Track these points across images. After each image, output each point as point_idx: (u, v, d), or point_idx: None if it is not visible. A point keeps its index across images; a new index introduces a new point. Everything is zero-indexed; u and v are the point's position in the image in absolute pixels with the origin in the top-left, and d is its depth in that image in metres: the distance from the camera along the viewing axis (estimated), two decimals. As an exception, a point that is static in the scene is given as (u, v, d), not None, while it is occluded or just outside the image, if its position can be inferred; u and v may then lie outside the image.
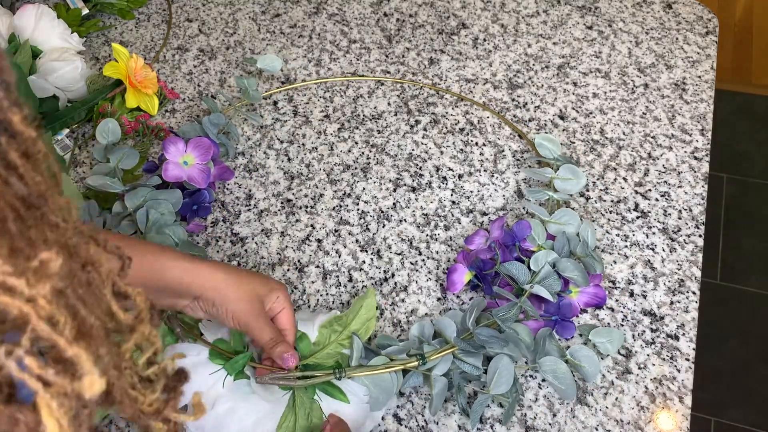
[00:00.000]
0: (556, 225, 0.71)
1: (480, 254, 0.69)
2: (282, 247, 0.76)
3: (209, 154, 0.77)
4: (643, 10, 0.99)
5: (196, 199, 0.77)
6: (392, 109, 0.89)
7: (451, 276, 0.70)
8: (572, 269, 0.66)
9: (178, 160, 0.76)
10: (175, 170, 0.75)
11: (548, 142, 0.79)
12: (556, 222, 0.71)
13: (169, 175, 0.75)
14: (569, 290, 0.67)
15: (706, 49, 0.93)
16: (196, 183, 0.76)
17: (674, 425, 0.62)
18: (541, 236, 0.69)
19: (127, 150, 0.78)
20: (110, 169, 0.77)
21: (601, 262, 0.68)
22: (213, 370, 0.62)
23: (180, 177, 0.75)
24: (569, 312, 0.66)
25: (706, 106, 0.87)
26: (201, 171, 0.76)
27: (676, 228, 0.76)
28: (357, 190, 0.81)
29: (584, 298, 0.68)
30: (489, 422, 0.63)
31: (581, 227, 0.70)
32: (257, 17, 1.02)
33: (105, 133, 0.80)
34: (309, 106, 0.90)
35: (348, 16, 1.01)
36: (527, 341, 0.63)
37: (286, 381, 0.60)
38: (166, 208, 0.73)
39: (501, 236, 0.70)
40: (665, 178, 0.80)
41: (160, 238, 0.71)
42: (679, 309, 0.69)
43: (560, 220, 0.71)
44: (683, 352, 0.66)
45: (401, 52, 0.96)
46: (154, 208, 0.72)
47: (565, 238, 0.69)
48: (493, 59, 0.94)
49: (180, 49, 0.98)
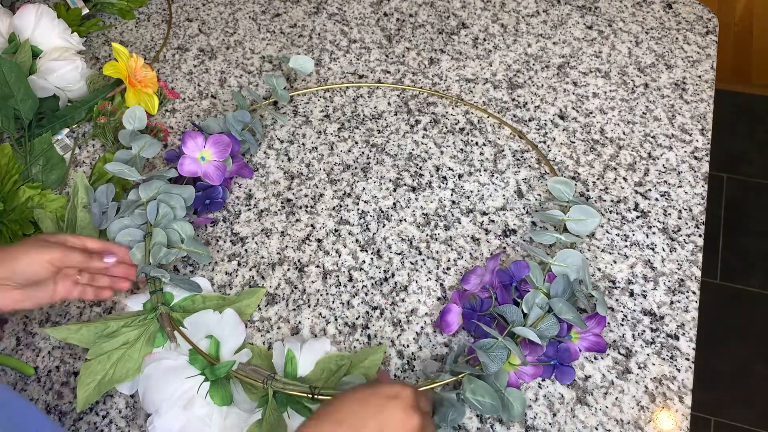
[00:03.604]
0: (558, 267, 0.68)
1: (478, 293, 0.68)
2: (282, 247, 0.76)
3: (227, 151, 0.76)
4: (643, 10, 0.99)
5: (209, 194, 0.77)
6: (392, 109, 0.89)
7: (445, 318, 0.68)
8: (567, 311, 0.63)
9: (195, 155, 0.76)
10: (192, 165, 0.75)
11: (562, 185, 0.75)
12: (559, 264, 0.68)
13: (184, 169, 0.75)
14: (569, 335, 0.65)
15: (706, 48, 0.93)
16: (211, 180, 0.76)
17: (674, 425, 0.62)
18: (539, 278, 0.66)
19: (149, 139, 0.78)
20: (131, 156, 0.76)
21: (604, 304, 0.65)
22: (191, 374, 0.63)
23: (195, 172, 0.75)
24: (568, 357, 0.64)
25: (706, 106, 0.87)
26: (217, 168, 0.76)
27: (676, 228, 0.75)
28: (357, 189, 0.81)
29: (585, 344, 0.65)
30: (489, 422, 0.63)
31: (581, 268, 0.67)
32: (257, 17, 1.02)
33: (132, 119, 0.80)
34: (309, 106, 0.90)
35: (348, 16, 1.01)
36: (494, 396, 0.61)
37: (257, 375, 0.61)
38: (177, 202, 0.73)
39: (495, 278, 0.67)
40: (665, 178, 0.80)
41: (167, 233, 0.71)
42: (679, 309, 0.69)
43: (563, 262, 0.68)
44: (683, 351, 0.66)
45: (401, 52, 0.96)
46: (166, 202, 0.72)
47: (565, 280, 0.66)
48: (493, 59, 0.94)
49: (180, 48, 0.98)
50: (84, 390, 0.63)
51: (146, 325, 0.66)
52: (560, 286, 0.65)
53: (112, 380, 0.64)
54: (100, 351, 0.65)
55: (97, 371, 0.64)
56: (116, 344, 0.65)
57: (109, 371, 0.64)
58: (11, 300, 0.60)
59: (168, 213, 0.72)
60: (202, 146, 0.76)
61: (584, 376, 0.65)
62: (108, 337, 0.65)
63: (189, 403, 0.61)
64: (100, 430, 0.65)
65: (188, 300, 0.70)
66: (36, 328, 0.71)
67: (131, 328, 0.66)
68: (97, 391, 0.63)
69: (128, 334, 0.66)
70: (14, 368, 0.68)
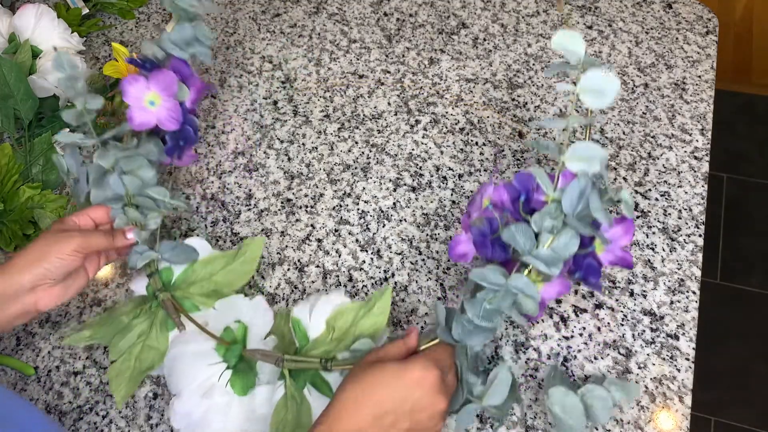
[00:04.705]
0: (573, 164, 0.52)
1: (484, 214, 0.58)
2: (282, 246, 0.76)
3: (174, 86, 0.65)
4: (643, 10, 0.99)
5: (179, 135, 0.67)
6: (392, 109, 0.89)
7: (456, 251, 0.60)
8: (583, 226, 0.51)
9: (142, 103, 0.64)
10: (143, 116, 0.64)
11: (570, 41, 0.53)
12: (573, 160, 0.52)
13: (136, 123, 0.64)
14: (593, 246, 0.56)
15: (706, 48, 0.93)
16: (167, 126, 0.65)
17: (674, 425, 0.62)
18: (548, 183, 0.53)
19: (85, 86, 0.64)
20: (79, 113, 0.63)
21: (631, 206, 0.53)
22: (214, 361, 0.63)
23: (149, 123, 0.64)
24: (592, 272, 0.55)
25: (706, 106, 0.87)
26: (170, 110, 0.64)
27: (676, 228, 0.75)
28: (357, 189, 0.81)
29: (610, 257, 0.55)
30: (489, 422, 0.63)
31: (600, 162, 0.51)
32: (257, 17, 1.02)
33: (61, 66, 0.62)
34: (309, 106, 0.90)
35: (348, 16, 1.01)
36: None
37: (270, 358, 0.61)
38: (141, 166, 0.64)
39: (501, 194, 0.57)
40: (665, 178, 0.80)
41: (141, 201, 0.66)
42: (679, 309, 0.69)
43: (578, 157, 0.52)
44: (683, 351, 0.66)
45: (401, 52, 0.96)
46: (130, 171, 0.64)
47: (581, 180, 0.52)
48: (493, 59, 0.94)
49: (180, 48, 0.98)
50: (118, 390, 0.64)
51: (154, 313, 0.66)
52: (575, 190, 0.52)
53: (141, 372, 0.65)
54: (119, 350, 0.65)
55: (123, 369, 0.64)
56: (132, 338, 0.65)
57: (135, 365, 0.65)
58: (54, 298, 0.61)
59: (135, 182, 0.65)
60: (145, 89, 0.64)
61: (584, 376, 0.65)
62: (123, 333, 0.65)
63: (209, 391, 0.61)
64: (100, 430, 0.65)
65: (188, 271, 0.68)
66: (36, 327, 0.71)
67: (141, 319, 0.66)
68: (131, 386, 0.64)
69: (140, 326, 0.66)
70: (14, 368, 0.69)
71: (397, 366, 0.51)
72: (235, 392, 0.61)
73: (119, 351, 0.65)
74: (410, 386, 0.50)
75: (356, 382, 0.51)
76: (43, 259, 0.59)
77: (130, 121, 0.64)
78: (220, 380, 0.62)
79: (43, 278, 0.59)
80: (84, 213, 0.65)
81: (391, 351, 0.55)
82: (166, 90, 0.65)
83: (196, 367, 0.62)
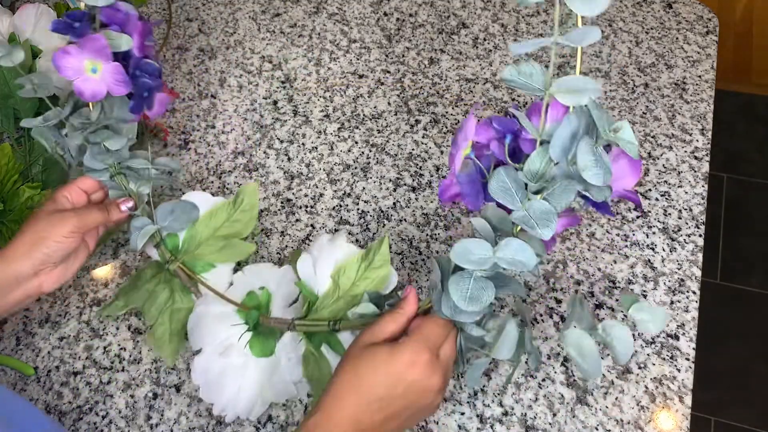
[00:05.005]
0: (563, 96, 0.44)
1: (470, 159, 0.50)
2: (282, 246, 0.76)
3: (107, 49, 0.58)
4: (643, 10, 0.99)
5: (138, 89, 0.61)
6: (392, 109, 0.89)
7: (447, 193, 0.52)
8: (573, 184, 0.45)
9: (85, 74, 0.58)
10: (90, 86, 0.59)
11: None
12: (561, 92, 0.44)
13: (88, 96, 0.59)
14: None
15: (707, 48, 0.93)
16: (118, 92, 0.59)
17: (674, 425, 0.62)
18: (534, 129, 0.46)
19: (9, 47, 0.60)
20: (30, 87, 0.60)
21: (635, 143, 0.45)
22: (235, 323, 0.64)
23: (101, 91, 0.59)
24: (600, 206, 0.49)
25: (706, 106, 0.87)
26: (115, 74, 0.58)
27: (677, 228, 0.75)
28: (357, 189, 0.81)
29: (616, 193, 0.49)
30: (489, 422, 0.63)
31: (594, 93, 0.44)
32: (257, 17, 1.02)
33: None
34: (309, 106, 0.90)
35: (348, 16, 1.01)
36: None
37: (282, 324, 0.62)
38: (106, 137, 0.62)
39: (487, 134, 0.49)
40: (665, 178, 0.80)
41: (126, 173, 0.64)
42: (679, 309, 0.69)
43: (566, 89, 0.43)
44: (683, 351, 0.66)
45: (401, 52, 0.95)
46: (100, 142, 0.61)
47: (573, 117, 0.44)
48: (494, 59, 0.94)
49: (180, 48, 0.98)
50: (164, 350, 0.66)
51: (171, 280, 0.67)
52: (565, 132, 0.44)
53: (179, 330, 0.66)
54: (152, 315, 0.66)
55: (162, 333, 0.66)
56: (161, 305, 0.66)
57: (171, 326, 0.66)
58: (57, 279, 0.61)
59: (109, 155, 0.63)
60: (81, 58, 0.58)
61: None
62: (150, 300, 0.67)
63: (227, 351, 0.62)
64: (99, 430, 0.65)
65: (192, 231, 0.68)
66: (36, 327, 0.71)
67: (162, 286, 0.67)
68: (174, 345, 0.66)
69: (163, 293, 0.67)
70: (14, 368, 0.68)
71: (387, 352, 0.51)
72: (253, 354, 0.62)
73: (152, 317, 0.66)
74: (401, 371, 0.50)
75: (348, 371, 0.52)
76: (41, 244, 0.58)
77: (81, 96, 0.59)
78: (239, 341, 0.63)
79: (43, 263, 0.59)
80: (73, 186, 0.64)
81: (387, 327, 0.54)
82: (100, 55, 0.57)
83: (217, 327, 0.64)
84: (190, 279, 0.66)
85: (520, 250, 0.48)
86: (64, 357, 0.69)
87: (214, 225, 0.68)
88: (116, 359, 0.69)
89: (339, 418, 0.50)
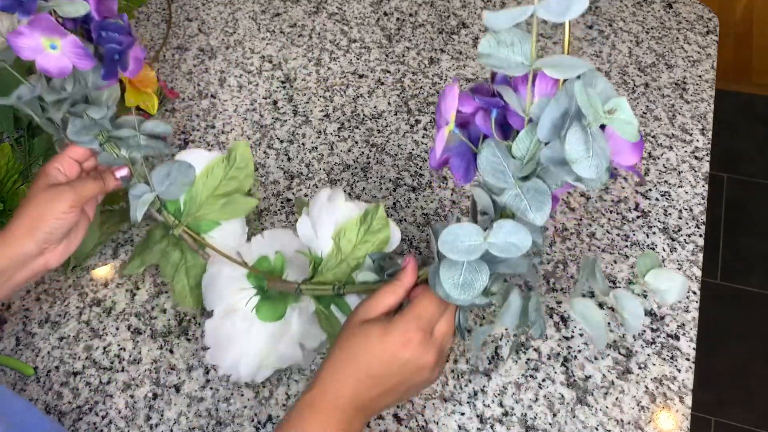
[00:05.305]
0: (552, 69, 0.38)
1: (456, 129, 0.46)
2: (282, 246, 0.76)
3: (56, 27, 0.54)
4: (643, 10, 0.99)
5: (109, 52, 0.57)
6: (392, 109, 0.89)
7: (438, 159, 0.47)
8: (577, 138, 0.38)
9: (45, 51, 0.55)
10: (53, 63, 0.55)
11: None
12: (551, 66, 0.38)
13: (55, 73, 0.56)
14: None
15: (707, 48, 0.93)
16: (82, 67, 0.56)
17: (674, 425, 0.62)
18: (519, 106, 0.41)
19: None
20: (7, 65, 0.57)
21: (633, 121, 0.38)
22: (245, 286, 0.65)
23: (66, 67, 0.56)
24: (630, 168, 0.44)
25: (706, 106, 0.87)
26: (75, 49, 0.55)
27: (677, 228, 0.75)
28: (357, 189, 0.81)
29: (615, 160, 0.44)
30: (489, 422, 0.63)
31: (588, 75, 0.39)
32: (257, 16, 1.02)
33: None
34: (309, 106, 0.90)
35: (348, 16, 1.01)
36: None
37: (288, 287, 0.62)
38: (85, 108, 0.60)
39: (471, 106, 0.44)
40: (666, 178, 0.80)
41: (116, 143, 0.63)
42: (680, 309, 0.69)
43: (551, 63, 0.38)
44: (683, 351, 0.66)
45: (401, 52, 0.95)
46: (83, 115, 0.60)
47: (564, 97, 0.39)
48: (494, 59, 0.94)
49: (180, 48, 0.98)
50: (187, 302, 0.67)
51: (179, 242, 0.67)
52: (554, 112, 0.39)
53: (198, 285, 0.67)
54: (169, 274, 0.67)
55: (181, 288, 0.67)
56: (175, 263, 0.67)
57: (189, 282, 0.67)
58: (59, 255, 0.61)
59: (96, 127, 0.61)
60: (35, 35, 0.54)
61: (584, 376, 0.65)
62: (164, 258, 0.67)
63: (234, 313, 0.63)
64: (99, 430, 0.64)
65: (192, 192, 0.67)
66: (36, 327, 0.71)
67: (172, 247, 0.67)
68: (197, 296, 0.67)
69: (174, 254, 0.67)
70: (14, 368, 0.68)
71: (380, 331, 0.51)
72: (259, 318, 0.63)
73: (169, 274, 0.67)
74: (394, 351, 0.50)
75: (344, 348, 0.52)
76: (42, 223, 0.58)
77: (48, 74, 0.56)
78: (247, 305, 0.63)
79: (47, 242, 0.58)
80: (64, 156, 0.62)
81: (384, 300, 0.54)
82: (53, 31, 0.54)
83: (228, 289, 0.64)
84: (196, 242, 0.66)
85: (514, 232, 0.43)
86: (63, 357, 0.69)
87: (212, 184, 0.67)
88: (116, 359, 0.69)
89: (335, 394, 0.50)
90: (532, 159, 0.42)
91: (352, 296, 0.63)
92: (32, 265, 0.59)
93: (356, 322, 0.53)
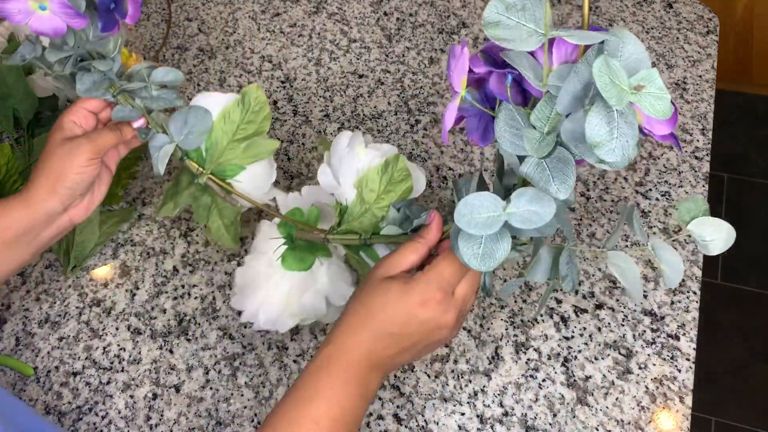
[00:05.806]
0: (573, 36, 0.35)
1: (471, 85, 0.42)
2: (282, 246, 0.76)
3: None
4: (643, 10, 0.99)
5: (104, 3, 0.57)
6: (392, 109, 0.89)
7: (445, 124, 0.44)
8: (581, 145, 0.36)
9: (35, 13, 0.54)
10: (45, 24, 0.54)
11: None
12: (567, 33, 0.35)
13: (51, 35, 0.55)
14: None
15: (707, 48, 0.93)
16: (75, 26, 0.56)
17: (674, 425, 0.62)
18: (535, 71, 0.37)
19: None
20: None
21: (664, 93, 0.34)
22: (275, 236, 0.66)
23: (60, 27, 0.55)
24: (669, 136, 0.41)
25: (706, 106, 0.87)
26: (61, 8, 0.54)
27: (677, 228, 0.75)
28: (357, 189, 0.81)
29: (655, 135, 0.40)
30: (489, 422, 0.63)
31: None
32: (257, 16, 1.02)
33: None
34: (309, 106, 0.90)
35: (348, 16, 1.01)
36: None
37: (315, 236, 0.63)
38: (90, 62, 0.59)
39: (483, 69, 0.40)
40: (666, 178, 0.80)
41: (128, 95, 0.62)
42: (680, 309, 0.69)
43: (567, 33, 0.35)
44: (684, 352, 0.66)
45: (401, 52, 0.95)
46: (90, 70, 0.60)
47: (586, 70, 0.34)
48: (494, 59, 0.94)
49: (180, 48, 0.98)
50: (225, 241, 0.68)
51: (207, 190, 0.68)
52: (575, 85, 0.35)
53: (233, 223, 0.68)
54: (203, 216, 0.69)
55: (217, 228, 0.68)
56: (207, 206, 0.68)
57: (223, 221, 0.68)
58: (84, 211, 0.61)
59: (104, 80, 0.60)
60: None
61: (585, 376, 0.65)
62: (196, 203, 0.68)
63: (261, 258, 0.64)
64: (99, 430, 0.64)
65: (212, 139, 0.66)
66: (35, 327, 0.71)
67: (200, 192, 0.68)
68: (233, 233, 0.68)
69: (204, 198, 0.68)
70: (13, 368, 0.68)
71: (400, 288, 0.50)
72: (284, 267, 0.64)
73: (203, 217, 0.68)
74: (412, 310, 0.50)
75: (363, 304, 0.51)
76: (63, 178, 0.57)
77: (44, 35, 0.55)
78: (274, 252, 0.64)
79: (70, 198, 0.58)
80: (79, 108, 0.60)
81: (407, 257, 0.52)
82: None
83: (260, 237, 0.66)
84: (223, 189, 0.66)
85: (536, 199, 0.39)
86: (63, 357, 0.69)
87: (230, 129, 0.67)
88: (116, 359, 0.69)
89: (352, 351, 0.50)
90: (553, 130, 0.37)
91: (381, 246, 0.63)
92: (58, 221, 0.58)
93: (377, 278, 0.52)
